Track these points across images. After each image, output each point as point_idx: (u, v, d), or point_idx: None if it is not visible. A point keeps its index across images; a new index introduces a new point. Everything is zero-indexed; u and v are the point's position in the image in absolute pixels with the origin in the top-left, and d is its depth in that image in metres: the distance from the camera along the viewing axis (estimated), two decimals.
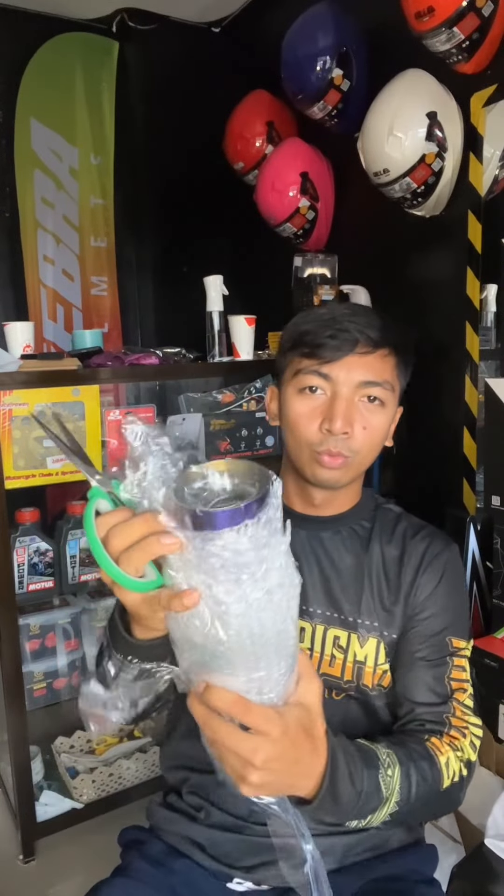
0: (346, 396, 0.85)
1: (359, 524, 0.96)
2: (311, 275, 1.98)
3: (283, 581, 0.53)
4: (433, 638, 0.88)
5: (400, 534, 0.95)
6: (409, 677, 0.87)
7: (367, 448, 0.87)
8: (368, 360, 0.85)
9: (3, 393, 1.46)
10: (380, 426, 0.88)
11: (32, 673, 1.70)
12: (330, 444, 0.85)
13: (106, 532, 0.54)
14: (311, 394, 0.86)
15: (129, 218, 2.74)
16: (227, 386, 1.89)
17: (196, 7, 2.47)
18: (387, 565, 0.92)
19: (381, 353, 0.86)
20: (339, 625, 0.90)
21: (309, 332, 0.86)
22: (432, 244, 1.80)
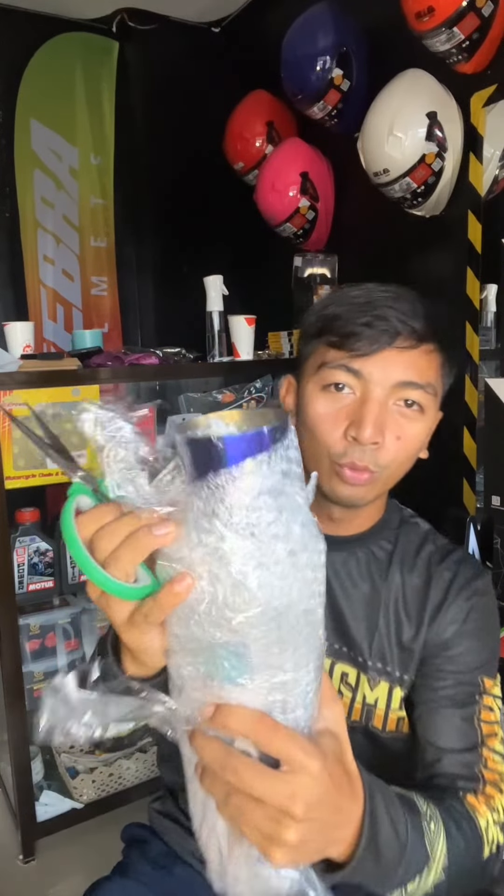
0: (380, 399, 0.70)
1: (379, 545, 0.83)
2: (311, 275, 1.99)
3: (308, 542, 0.43)
4: (461, 676, 0.76)
5: (425, 559, 0.82)
6: (434, 719, 0.74)
7: (399, 461, 0.74)
8: (410, 356, 0.71)
9: (3, 393, 1.46)
10: (416, 436, 0.74)
11: (32, 673, 1.70)
12: (355, 455, 0.71)
13: (90, 532, 0.45)
14: (337, 392, 0.72)
15: (129, 218, 2.73)
16: (227, 386, 1.89)
17: (196, 7, 2.47)
18: (407, 596, 0.80)
19: (425, 349, 0.72)
20: (349, 661, 0.80)
21: (339, 317, 0.72)
22: (432, 244, 1.80)
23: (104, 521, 0.45)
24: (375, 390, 0.71)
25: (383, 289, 0.73)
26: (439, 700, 0.75)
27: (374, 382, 0.71)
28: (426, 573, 0.81)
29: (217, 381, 1.93)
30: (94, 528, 0.45)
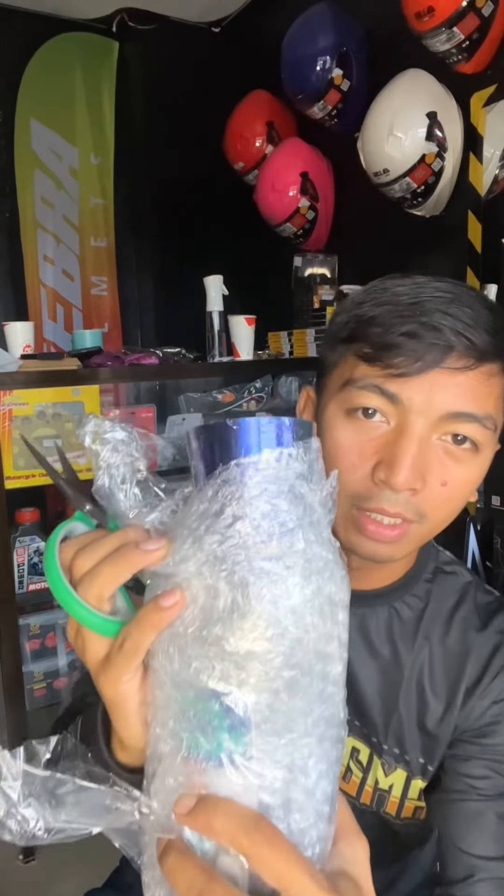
0: (421, 433, 0.54)
1: (405, 602, 0.67)
2: (311, 275, 1.99)
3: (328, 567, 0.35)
4: (500, 767, 0.62)
5: (461, 623, 0.66)
6: (461, 816, 0.60)
7: (443, 511, 0.57)
8: (466, 379, 0.53)
9: (3, 393, 1.46)
10: (468, 482, 0.57)
11: (32, 673, 1.70)
12: (384, 500, 0.55)
13: (71, 554, 0.39)
14: (367, 419, 0.55)
15: (129, 218, 2.74)
16: (227, 386, 1.89)
17: (196, 7, 2.47)
18: (436, 670, 0.65)
19: (486, 371, 0.54)
20: (361, 737, 0.67)
21: (376, 321, 0.55)
22: (432, 244, 1.80)
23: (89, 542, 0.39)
24: (417, 422, 0.53)
25: (437, 286, 0.55)
26: (468, 792, 0.61)
27: (415, 412, 0.53)
28: (462, 641, 0.65)
29: (217, 381, 1.93)
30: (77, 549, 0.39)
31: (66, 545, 0.40)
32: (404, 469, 0.53)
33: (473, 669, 0.64)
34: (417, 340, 0.53)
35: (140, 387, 1.85)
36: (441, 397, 0.53)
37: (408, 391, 0.53)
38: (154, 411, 1.69)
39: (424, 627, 0.66)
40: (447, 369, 0.53)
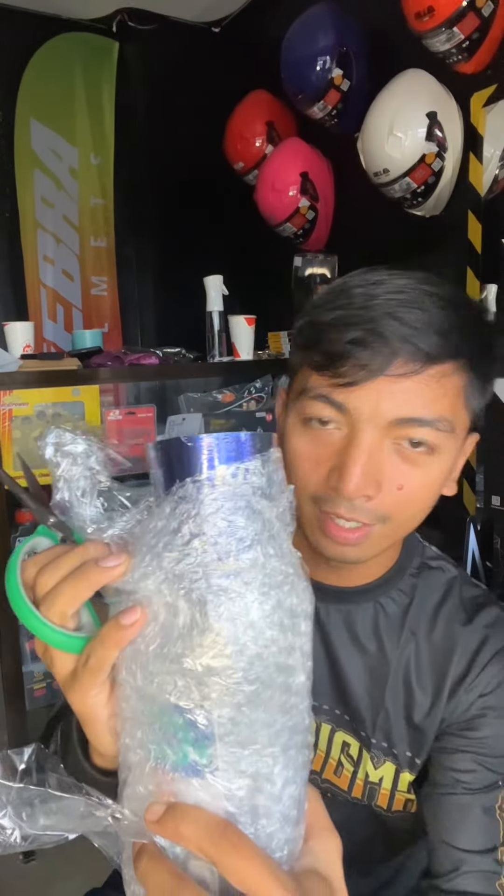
0: (370, 442, 0.54)
1: (391, 598, 0.67)
2: (311, 275, 1.99)
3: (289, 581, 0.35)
4: (486, 761, 0.62)
5: (447, 617, 0.66)
6: (449, 810, 0.61)
7: (406, 513, 0.58)
8: (413, 384, 0.53)
9: (3, 393, 1.46)
10: (426, 484, 0.57)
11: (32, 673, 1.70)
12: (340, 505, 0.55)
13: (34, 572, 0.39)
14: (321, 427, 0.56)
15: (129, 218, 2.74)
16: (227, 386, 1.89)
17: (196, 7, 2.47)
18: (422, 664, 0.65)
19: (436, 373, 0.53)
20: (351, 731, 0.68)
21: (327, 327, 0.55)
22: (432, 244, 1.80)
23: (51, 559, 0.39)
24: (366, 430, 0.54)
25: (394, 284, 0.54)
26: (454, 785, 0.61)
27: (363, 420, 0.54)
28: (448, 636, 0.65)
29: (217, 381, 1.94)
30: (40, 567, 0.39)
31: (29, 563, 0.40)
32: (354, 478, 0.53)
33: (459, 664, 0.65)
34: (363, 348, 0.52)
35: (140, 387, 1.85)
36: (388, 404, 0.53)
37: (355, 400, 0.54)
38: (154, 411, 1.69)
39: (410, 622, 0.67)
40: (392, 376, 0.53)
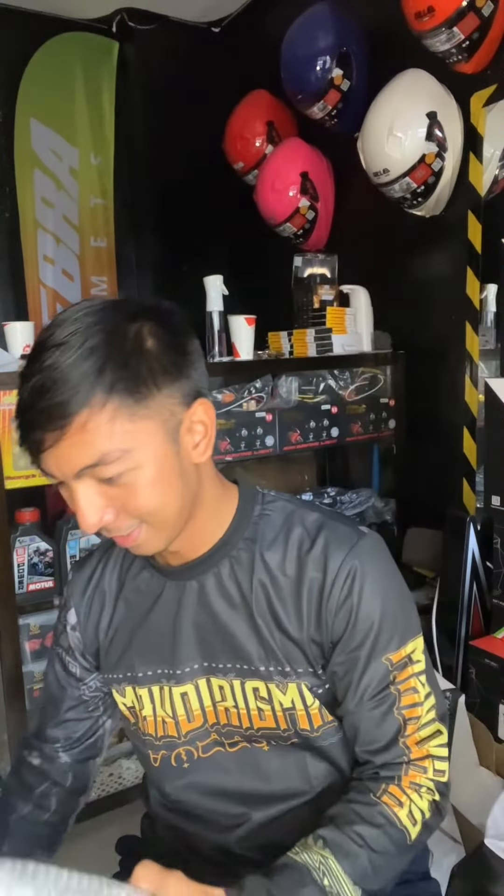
0: (78, 491, 0.64)
1: (237, 548, 0.76)
2: (311, 275, 1.99)
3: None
4: (367, 667, 0.72)
5: (294, 546, 0.75)
6: (352, 718, 0.74)
7: (149, 511, 0.67)
8: (64, 446, 0.62)
9: (3, 393, 1.46)
10: (144, 488, 0.65)
11: (32, 673, 1.70)
12: (111, 531, 0.68)
13: None
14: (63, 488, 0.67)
15: (129, 218, 2.74)
16: (227, 386, 1.89)
17: (196, 7, 2.47)
18: (282, 591, 0.74)
19: (77, 427, 0.61)
20: (252, 675, 0.76)
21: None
22: (432, 244, 1.80)
23: None
24: (70, 483, 0.64)
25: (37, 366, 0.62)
26: (355, 696, 0.73)
27: (61, 479, 0.65)
28: (297, 564, 0.74)
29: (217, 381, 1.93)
30: None
31: None
32: (83, 519, 0.64)
33: (311, 591, 0.73)
34: (25, 431, 0.63)
35: None
36: (62, 468, 0.63)
37: (46, 468, 0.65)
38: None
39: (259, 560, 0.75)
40: (48, 449, 0.62)
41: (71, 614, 0.84)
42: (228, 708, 0.78)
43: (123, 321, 0.65)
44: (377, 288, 1.92)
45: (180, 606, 0.77)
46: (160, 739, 0.81)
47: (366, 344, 1.93)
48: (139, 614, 0.80)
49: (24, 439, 0.64)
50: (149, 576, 0.80)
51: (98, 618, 0.83)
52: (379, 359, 1.94)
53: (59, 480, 0.66)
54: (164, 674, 0.79)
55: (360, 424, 1.89)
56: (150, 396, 0.64)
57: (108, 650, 0.83)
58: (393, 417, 1.96)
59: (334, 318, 1.86)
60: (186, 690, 0.78)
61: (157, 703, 0.80)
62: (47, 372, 0.61)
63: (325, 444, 1.84)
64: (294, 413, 1.77)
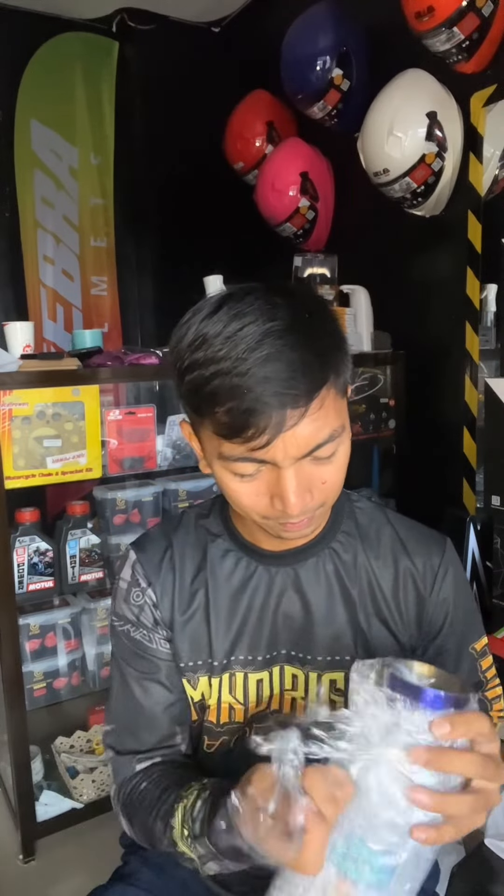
0: (293, 471, 0.64)
1: (340, 540, 0.80)
2: (311, 275, 1.99)
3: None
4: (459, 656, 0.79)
5: (387, 546, 0.80)
6: None
7: (332, 494, 0.70)
8: (306, 423, 0.62)
9: (3, 393, 1.46)
10: (340, 469, 0.68)
11: (32, 673, 1.70)
12: (288, 518, 0.67)
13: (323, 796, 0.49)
14: (251, 476, 0.66)
15: (129, 218, 2.73)
16: None
17: (196, 7, 2.47)
18: (383, 584, 0.79)
19: (318, 402, 0.62)
20: (335, 667, 0.78)
21: (212, 400, 0.62)
22: (432, 244, 1.80)
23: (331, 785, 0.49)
24: (286, 467, 0.63)
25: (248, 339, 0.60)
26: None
27: (281, 461, 0.63)
28: (394, 564, 0.79)
29: None
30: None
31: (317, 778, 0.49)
32: (294, 504, 0.64)
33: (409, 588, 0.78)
34: (257, 416, 0.60)
35: (140, 387, 1.85)
36: (295, 445, 0.62)
37: (270, 453, 0.62)
38: (154, 411, 1.69)
39: (361, 551, 0.79)
40: (289, 430, 0.61)
41: (150, 593, 0.80)
42: (296, 698, 0.78)
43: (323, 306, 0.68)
44: (377, 288, 1.92)
45: (270, 593, 0.78)
46: (223, 726, 0.80)
47: (366, 344, 1.93)
48: (224, 599, 0.78)
49: (249, 425, 0.60)
50: (234, 561, 0.79)
51: (172, 597, 0.79)
52: (379, 359, 1.94)
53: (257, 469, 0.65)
54: (240, 660, 0.78)
55: (360, 424, 1.89)
56: (347, 378, 0.68)
57: (182, 638, 0.79)
58: (393, 417, 1.96)
59: None
60: (262, 677, 0.78)
61: (226, 689, 0.78)
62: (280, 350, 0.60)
63: None
64: None
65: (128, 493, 1.73)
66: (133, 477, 1.77)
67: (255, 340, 0.60)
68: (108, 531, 1.71)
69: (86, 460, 1.56)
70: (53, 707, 1.81)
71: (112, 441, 1.62)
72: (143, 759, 0.79)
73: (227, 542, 0.80)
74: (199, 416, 0.65)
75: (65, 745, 1.85)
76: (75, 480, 1.58)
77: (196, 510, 0.85)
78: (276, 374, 0.59)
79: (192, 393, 0.65)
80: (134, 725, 0.80)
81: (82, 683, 1.79)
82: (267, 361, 0.59)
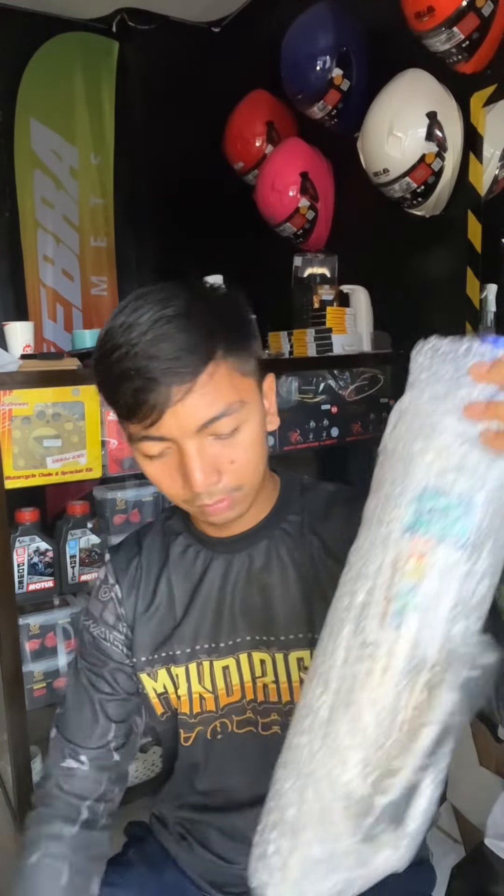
0: (194, 450, 0.67)
1: (287, 521, 0.81)
2: (311, 275, 1.99)
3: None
4: None
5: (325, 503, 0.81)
6: None
7: (247, 475, 0.72)
8: (193, 398, 0.65)
9: (3, 393, 1.46)
10: (248, 448, 0.70)
11: (32, 673, 1.70)
12: (203, 498, 0.70)
13: None
14: (159, 456, 0.70)
15: (129, 218, 2.74)
16: None
17: (196, 7, 2.47)
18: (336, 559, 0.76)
19: (205, 378, 0.65)
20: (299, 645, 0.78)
21: (113, 388, 0.68)
22: (432, 244, 1.80)
23: None
24: (185, 443, 0.67)
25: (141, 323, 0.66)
26: None
27: (179, 436, 0.67)
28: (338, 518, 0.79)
29: None
30: None
31: None
32: (198, 479, 0.67)
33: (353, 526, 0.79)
34: (146, 393, 0.65)
35: None
36: (186, 420, 0.66)
37: (165, 429, 0.66)
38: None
39: (309, 528, 0.80)
40: (176, 403, 0.65)
41: (117, 589, 0.85)
42: (267, 684, 0.79)
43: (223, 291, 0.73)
44: (377, 288, 1.92)
45: (226, 580, 0.80)
46: (196, 717, 0.82)
47: (366, 344, 1.93)
48: (184, 592, 0.82)
49: (142, 402, 0.65)
50: (194, 554, 0.83)
51: (138, 595, 0.84)
52: (379, 359, 1.94)
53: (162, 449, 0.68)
54: (203, 649, 0.80)
55: (360, 424, 1.89)
56: (251, 357, 0.71)
57: (144, 630, 0.83)
58: None
59: (334, 318, 1.86)
60: (228, 664, 0.80)
61: (195, 679, 0.81)
62: (168, 332, 0.65)
63: (325, 444, 1.84)
64: (294, 413, 1.78)
65: (128, 493, 1.73)
66: (133, 477, 1.77)
67: (148, 326, 0.65)
68: (109, 531, 1.71)
69: (86, 460, 1.56)
70: (53, 707, 1.81)
71: (112, 441, 1.62)
72: (71, 755, 0.83)
73: (187, 538, 0.84)
74: (111, 404, 0.71)
75: None
76: (75, 480, 1.58)
77: (164, 514, 0.90)
78: (163, 353, 0.64)
79: (101, 384, 0.71)
80: (75, 711, 0.85)
81: None
82: (155, 342, 0.64)
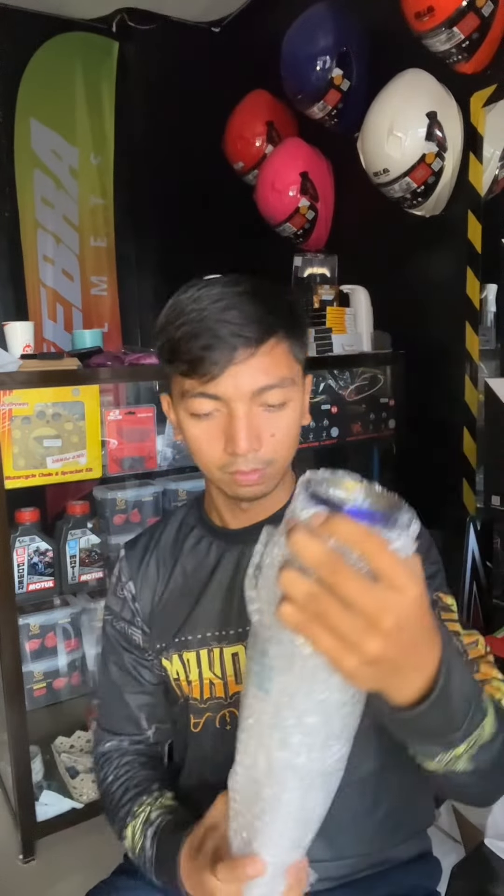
0: (244, 411, 0.72)
1: None
2: (311, 275, 1.99)
3: None
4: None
5: None
6: None
7: (281, 452, 0.77)
8: (254, 362, 0.71)
9: (3, 393, 1.46)
10: (289, 426, 0.77)
11: (32, 673, 1.70)
12: (239, 464, 0.74)
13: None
14: (206, 416, 0.74)
15: (129, 218, 2.74)
16: None
17: (196, 7, 2.47)
18: None
19: (266, 348, 0.72)
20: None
21: (180, 343, 0.73)
22: (432, 244, 1.80)
23: None
24: (236, 406, 0.73)
25: (212, 294, 0.74)
26: None
27: (232, 398, 0.72)
28: None
29: None
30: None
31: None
32: (242, 440, 0.72)
33: None
34: (211, 350, 0.71)
35: (140, 387, 1.85)
36: (244, 382, 0.72)
37: (221, 387, 0.72)
38: (154, 411, 1.69)
39: None
40: (238, 363, 0.71)
41: (130, 586, 0.89)
42: None
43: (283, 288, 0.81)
44: (377, 288, 1.92)
45: (237, 570, 0.83)
46: (206, 702, 0.84)
47: (366, 344, 1.93)
48: (197, 581, 0.85)
49: (205, 358, 0.71)
50: (207, 546, 0.86)
51: (153, 587, 0.88)
52: (379, 359, 1.94)
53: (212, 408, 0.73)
54: (214, 636, 0.83)
55: (360, 424, 1.89)
56: (303, 347, 0.78)
57: (160, 619, 0.87)
58: (393, 417, 1.96)
59: (334, 318, 1.86)
60: (237, 651, 0.82)
61: (205, 664, 0.83)
62: (237, 304, 0.72)
63: (325, 444, 1.84)
64: None
65: (128, 493, 1.73)
66: (133, 477, 1.77)
67: (218, 297, 0.72)
68: (108, 531, 1.71)
69: (86, 460, 1.56)
70: (53, 707, 1.81)
71: (112, 441, 1.62)
72: (111, 738, 0.91)
73: (201, 530, 0.88)
74: (170, 365, 0.76)
75: (65, 744, 1.85)
76: (75, 480, 1.58)
77: (182, 509, 0.94)
78: (232, 318, 0.71)
79: (164, 348, 0.76)
80: (109, 700, 0.91)
81: (82, 683, 1.79)
82: (225, 310, 0.71)
